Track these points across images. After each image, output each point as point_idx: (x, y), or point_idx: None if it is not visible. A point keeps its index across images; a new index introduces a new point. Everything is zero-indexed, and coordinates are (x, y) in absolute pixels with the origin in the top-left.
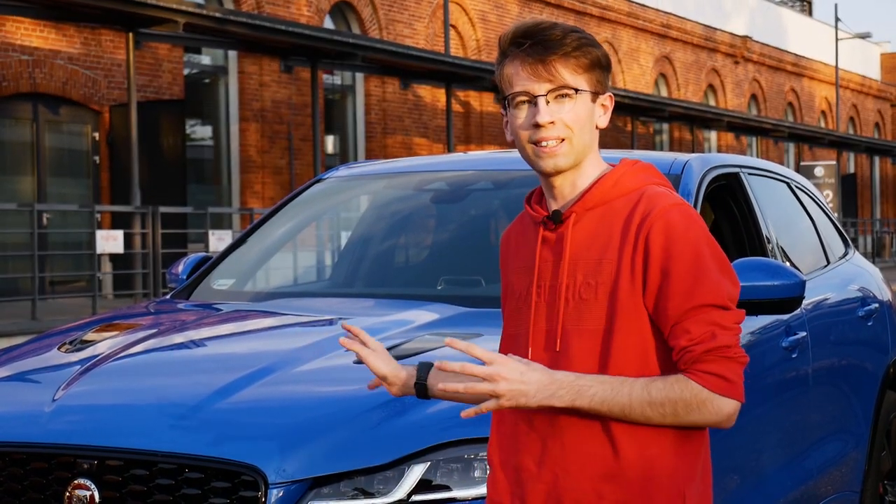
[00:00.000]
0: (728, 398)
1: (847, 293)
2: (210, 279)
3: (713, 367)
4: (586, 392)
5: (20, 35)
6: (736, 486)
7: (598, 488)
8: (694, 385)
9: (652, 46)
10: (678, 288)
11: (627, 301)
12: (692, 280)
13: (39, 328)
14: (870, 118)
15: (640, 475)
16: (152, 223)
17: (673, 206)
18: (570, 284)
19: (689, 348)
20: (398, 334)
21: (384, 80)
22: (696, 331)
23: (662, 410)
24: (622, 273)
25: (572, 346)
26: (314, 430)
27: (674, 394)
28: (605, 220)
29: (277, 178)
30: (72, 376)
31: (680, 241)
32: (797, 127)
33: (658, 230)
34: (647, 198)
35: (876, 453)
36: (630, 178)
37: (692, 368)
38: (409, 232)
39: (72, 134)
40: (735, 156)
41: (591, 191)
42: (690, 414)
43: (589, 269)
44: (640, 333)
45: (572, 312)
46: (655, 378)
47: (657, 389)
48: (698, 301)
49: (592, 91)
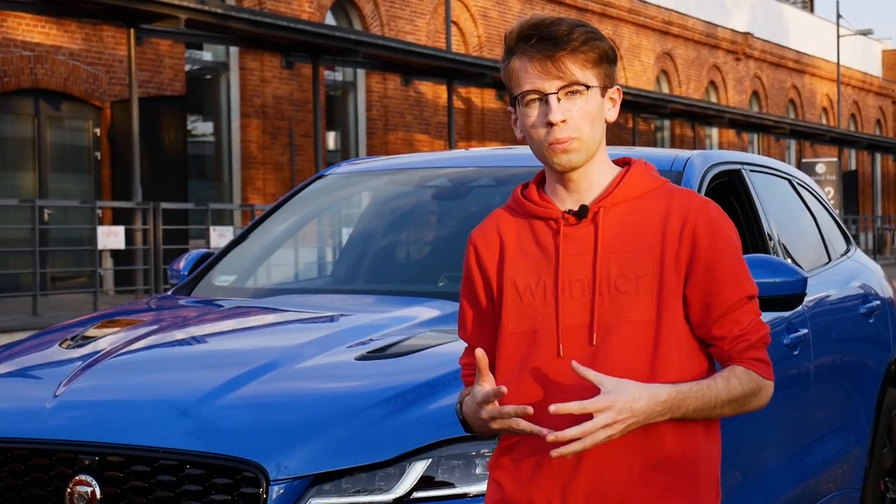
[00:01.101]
0: (770, 381)
1: (849, 290)
2: (211, 275)
3: (761, 353)
4: (683, 404)
5: (21, 31)
6: (737, 482)
7: (644, 476)
8: (753, 374)
9: (653, 43)
10: (728, 281)
11: (672, 293)
12: (737, 274)
13: (40, 324)
14: (871, 115)
15: (685, 460)
16: (153, 219)
17: (707, 202)
18: (604, 278)
19: (744, 336)
20: (399, 331)
21: (385, 76)
22: (745, 321)
23: (734, 406)
24: (667, 266)
25: (613, 339)
26: (315, 426)
27: (746, 387)
28: (636, 214)
29: (279, 174)
30: (73, 372)
31: (723, 236)
32: (799, 124)
33: (703, 226)
34: (680, 195)
35: (877, 450)
36: (650, 176)
37: (745, 356)
38: (411, 228)
39: (73, 130)
40: (737, 152)
41: (620, 186)
42: (751, 403)
43: (624, 262)
44: (681, 325)
45: (609, 306)
46: (726, 375)
47: (735, 386)
48: (745, 292)
49: (602, 86)
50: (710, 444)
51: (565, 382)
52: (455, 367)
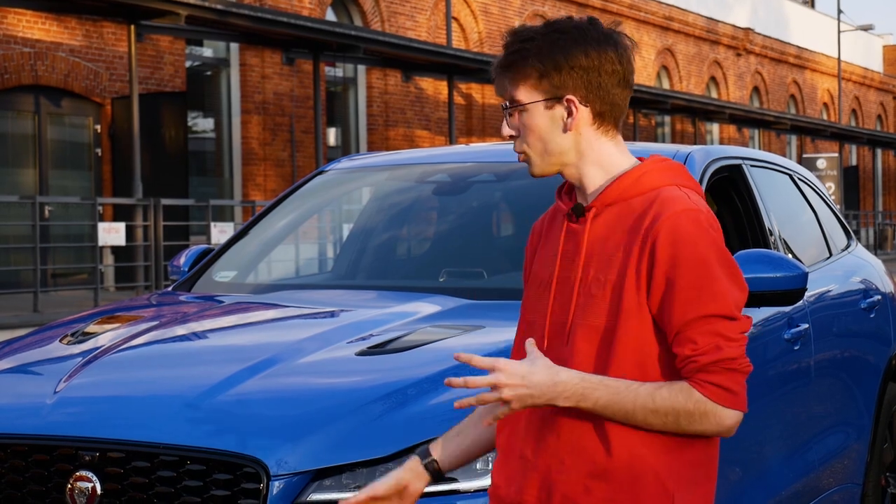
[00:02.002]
0: (731, 409)
1: (849, 285)
2: (212, 271)
3: (717, 378)
4: (591, 395)
5: (22, 27)
6: (738, 478)
7: (587, 483)
8: (698, 395)
9: (654, 39)
10: (683, 296)
11: (631, 301)
12: (698, 289)
13: (41, 320)
14: (872, 110)
15: (627, 474)
16: (154, 215)
17: (684, 211)
18: (583, 279)
19: (694, 358)
20: (400, 326)
21: (386, 72)
22: (701, 342)
23: (665, 419)
24: (629, 273)
25: (577, 341)
26: (316, 422)
27: (678, 403)
28: (622, 217)
29: (279, 170)
30: (73, 368)
31: (686, 248)
32: (799, 119)
33: (665, 236)
34: (660, 200)
35: (878, 445)
36: (651, 177)
37: (696, 378)
38: (411, 224)
39: (73, 126)
40: (738, 147)
41: (611, 187)
42: (693, 424)
43: (601, 265)
44: (642, 335)
45: (581, 307)
46: (661, 385)
47: (661, 398)
48: (703, 311)
49: (545, 99)
50: (666, 461)
51: None
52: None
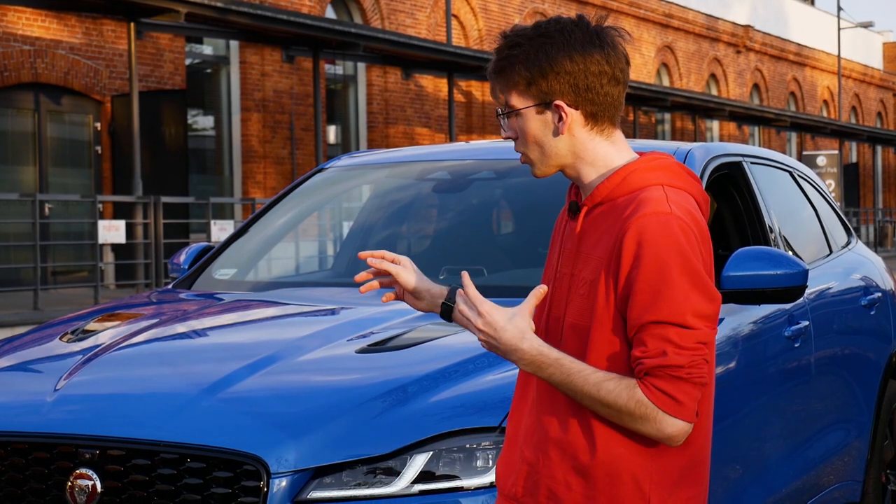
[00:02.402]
0: (674, 418)
1: (850, 282)
2: (212, 269)
3: (662, 384)
4: (546, 369)
5: (22, 25)
6: (738, 475)
7: (569, 480)
8: (640, 396)
9: (654, 36)
10: (639, 299)
11: (602, 301)
12: (653, 294)
13: (41, 318)
14: (872, 107)
15: (606, 472)
16: (154, 213)
17: (654, 213)
18: (574, 277)
19: (641, 360)
20: (400, 323)
21: (386, 69)
22: (650, 345)
23: (608, 412)
24: (602, 273)
25: (567, 338)
26: (316, 419)
27: (620, 399)
28: (608, 217)
29: (279, 167)
30: (74, 366)
31: (647, 250)
32: (799, 116)
33: (630, 237)
34: (638, 201)
35: (878, 443)
36: (639, 176)
37: (644, 381)
38: (411, 221)
39: (73, 124)
40: (738, 145)
41: (599, 187)
42: (634, 423)
43: (588, 264)
44: (612, 335)
45: (572, 305)
46: (612, 377)
47: (606, 391)
48: (654, 316)
49: (536, 104)
50: (643, 463)
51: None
52: (455, 359)
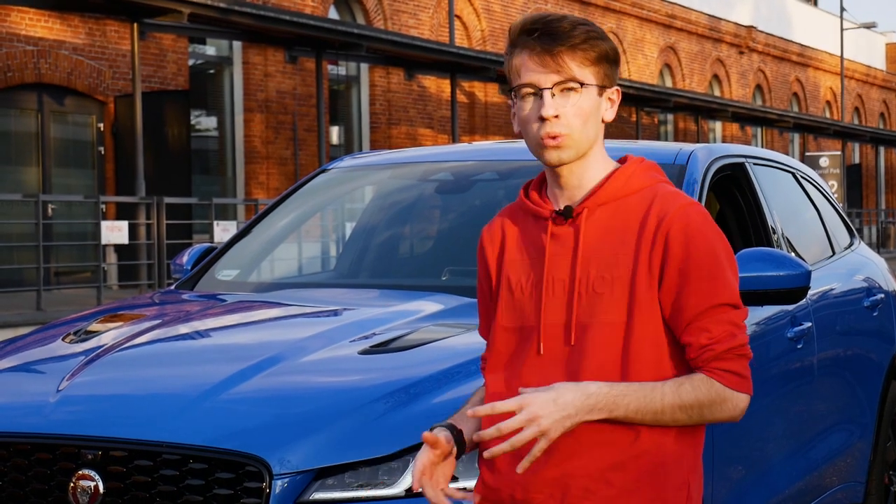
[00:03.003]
0: (743, 393)
1: (852, 283)
2: (214, 270)
3: (731, 364)
4: (621, 402)
5: (25, 25)
6: (741, 476)
7: (606, 475)
8: (716, 384)
9: (656, 36)
10: (697, 286)
11: (644, 296)
12: (711, 279)
13: (44, 319)
14: (875, 108)
15: (650, 461)
16: (157, 214)
17: (689, 205)
18: (583, 279)
19: (711, 346)
20: (403, 325)
21: (389, 70)
22: (715, 330)
23: (691, 412)
24: (640, 269)
25: (588, 339)
26: (319, 420)
27: (701, 394)
28: (618, 216)
29: (282, 168)
30: (76, 367)
31: (698, 239)
32: (802, 117)
33: (678, 229)
34: (662, 196)
35: (881, 444)
36: (640, 176)
37: (711, 366)
38: (414, 222)
39: (77, 124)
40: (740, 146)
41: (604, 187)
42: (714, 412)
43: (602, 263)
44: (656, 328)
45: (586, 306)
46: (682, 380)
47: (686, 392)
48: (717, 300)
49: (599, 85)
50: (684, 448)
51: (546, 380)
52: (459, 360)
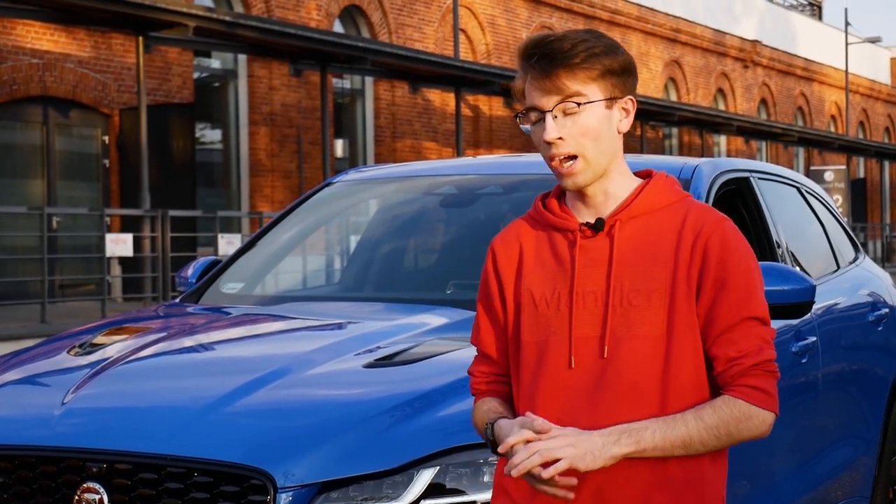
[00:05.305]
0: (769, 411)
1: (857, 298)
2: (219, 283)
3: (757, 381)
4: (645, 433)
5: (30, 38)
6: (746, 491)
7: (648, 494)
8: (740, 402)
9: (661, 51)
10: (730, 299)
11: (683, 307)
12: (745, 292)
13: (49, 331)
14: (879, 122)
15: (689, 480)
16: (162, 227)
17: (723, 219)
18: (618, 291)
19: (739, 360)
20: (407, 338)
21: (394, 83)
22: (744, 343)
23: (718, 433)
24: (678, 281)
25: (623, 352)
26: (323, 434)
27: (725, 415)
28: (652, 228)
29: (287, 181)
30: (81, 380)
31: (735, 253)
32: (807, 131)
33: (715, 242)
34: (696, 210)
35: (886, 458)
36: (670, 190)
37: (736, 383)
38: (419, 236)
39: (81, 137)
40: (745, 160)
41: (637, 200)
42: (741, 430)
43: (637, 276)
44: (694, 342)
45: (620, 319)
46: (702, 406)
47: (708, 415)
48: (748, 313)
49: (608, 98)
50: (717, 464)
51: (576, 393)
52: (463, 374)
